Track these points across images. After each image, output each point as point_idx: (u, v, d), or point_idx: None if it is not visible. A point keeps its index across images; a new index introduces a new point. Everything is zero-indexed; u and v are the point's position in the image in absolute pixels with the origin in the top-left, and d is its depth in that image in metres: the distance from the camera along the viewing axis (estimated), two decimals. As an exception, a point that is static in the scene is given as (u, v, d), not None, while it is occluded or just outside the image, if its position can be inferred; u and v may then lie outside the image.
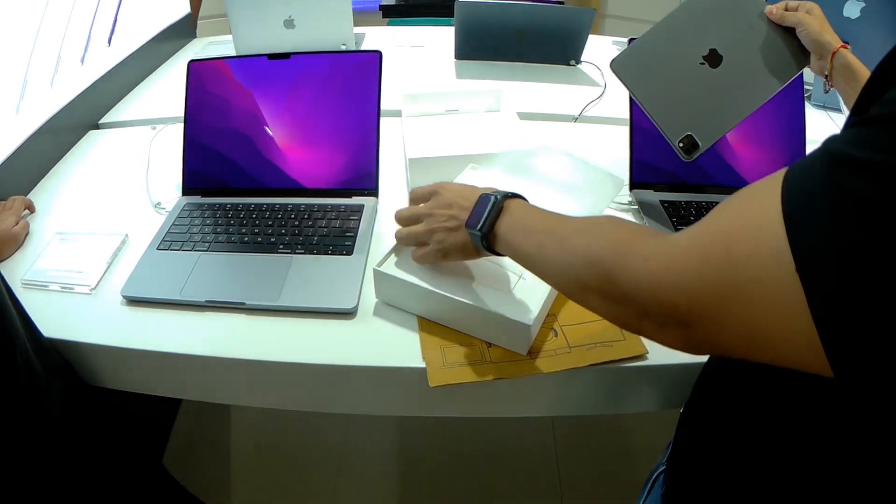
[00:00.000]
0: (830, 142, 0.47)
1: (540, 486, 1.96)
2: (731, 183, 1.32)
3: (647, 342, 0.98)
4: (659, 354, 0.97)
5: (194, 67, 1.30)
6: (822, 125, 1.71)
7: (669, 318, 0.53)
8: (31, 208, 1.31)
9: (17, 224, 1.22)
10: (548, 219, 0.79)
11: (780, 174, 0.49)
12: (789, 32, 1.07)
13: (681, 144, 1.05)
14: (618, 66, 1.09)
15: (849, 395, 0.54)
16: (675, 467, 0.81)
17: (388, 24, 2.95)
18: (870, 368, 0.43)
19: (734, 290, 0.48)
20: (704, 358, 0.81)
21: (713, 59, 1.07)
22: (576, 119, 1.66)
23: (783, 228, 0.45)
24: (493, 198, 0.86)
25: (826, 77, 1.08)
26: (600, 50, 2.07)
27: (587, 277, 0.64)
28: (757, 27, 1.08)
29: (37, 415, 0.95)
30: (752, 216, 0.48)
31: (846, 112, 1.08)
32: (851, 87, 1.04)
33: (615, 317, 0.62)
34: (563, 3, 2.80)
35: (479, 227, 0.85)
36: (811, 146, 1.34)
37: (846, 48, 1.05)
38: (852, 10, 1.77)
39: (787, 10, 1.07)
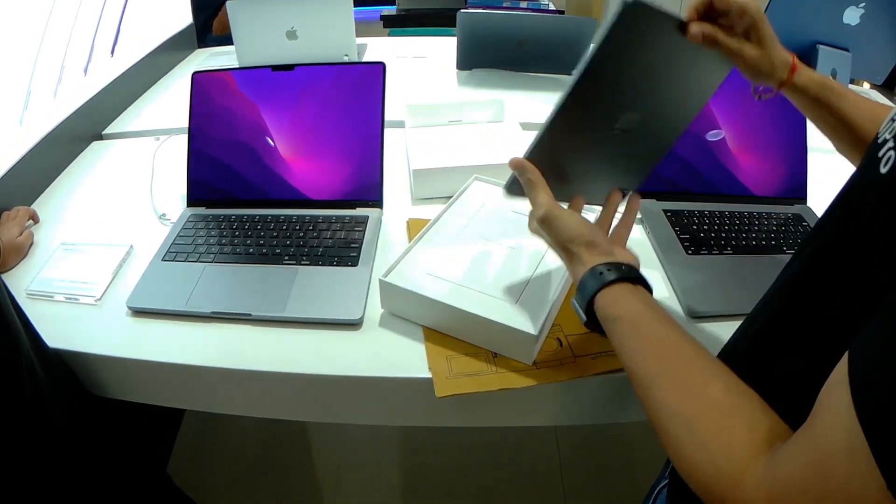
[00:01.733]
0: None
1: (544, 498, 1.97)
2: (733, 191, 1.33)
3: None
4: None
5: (198, 79, 1.31)
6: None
7: None
8: (35, 219, 1.31)
9: (22, 234, 1.22)
10: (657, 342, 0.69)
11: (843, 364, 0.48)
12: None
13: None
14: (510, 190, 0.93)
15: None
16: (678, 482, 0.80)
17: (390, 35, 2.97)
18: None
19: None
20: None
21: (629, 120, 0.86)
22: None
23: (860, 429, 0.44)
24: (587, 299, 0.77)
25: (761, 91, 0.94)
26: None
27: (689, 462, 0.59)
28: (675, 60, 0.84)
29: (42, 426, 0.96)
30: (834, 431, 0.47)
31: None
32: (824, 102, 0.91)
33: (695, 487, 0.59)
34: (563, 13, 2.82)
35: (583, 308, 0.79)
36: (812, 152, 1.35)
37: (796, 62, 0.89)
38: (852, 17, 1.79)
39: (716, 26, 0.82)
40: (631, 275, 0.77)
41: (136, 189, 1.42)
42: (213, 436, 2.12)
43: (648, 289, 0.78)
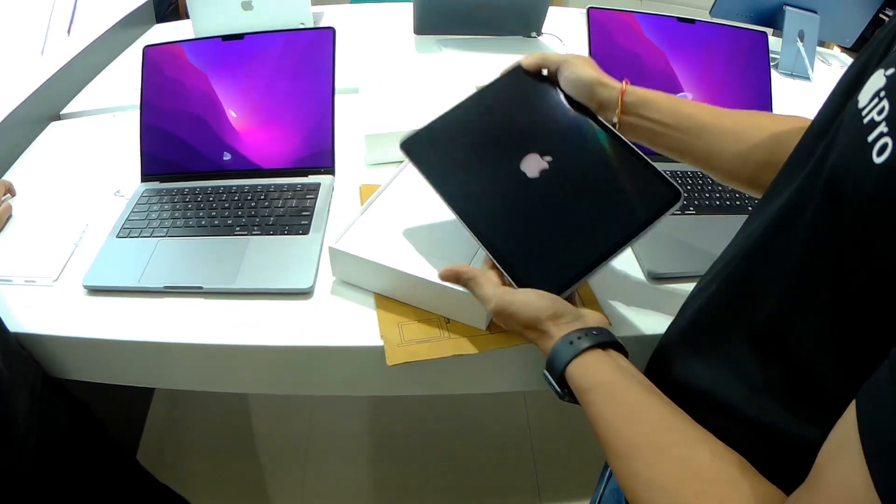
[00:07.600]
0: None
1: (514, 463, 1.98)
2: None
3: (607, 312, 0.98)
4: (619, 326, 0.98)
5: (149, 53, 1.29)
6: (790, 93, 1.71)
7: None
8: (11, 191, 1.29)
9: (1, 206, 1.21)
10: (635, 410, 0.65)
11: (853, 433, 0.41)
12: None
13: None
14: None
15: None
16: None
17: (351, 2, 2.92)
18: None
19: None
20: (661, 329, 0.80)
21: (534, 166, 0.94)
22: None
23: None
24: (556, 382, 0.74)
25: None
26: (562, 21, 2.05)
27: None
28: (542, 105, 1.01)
29: (2, 413, 0.94)
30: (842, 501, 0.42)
31: (812, 80, 0.97)
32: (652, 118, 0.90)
33: None
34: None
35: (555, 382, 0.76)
36: (777, 110, 1.33)
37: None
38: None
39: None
40: (603, 340, 0.72)
41: (93, 167, 1.40)
42: (180, 418, 2.12)
43: (623, 351, 0.74)
